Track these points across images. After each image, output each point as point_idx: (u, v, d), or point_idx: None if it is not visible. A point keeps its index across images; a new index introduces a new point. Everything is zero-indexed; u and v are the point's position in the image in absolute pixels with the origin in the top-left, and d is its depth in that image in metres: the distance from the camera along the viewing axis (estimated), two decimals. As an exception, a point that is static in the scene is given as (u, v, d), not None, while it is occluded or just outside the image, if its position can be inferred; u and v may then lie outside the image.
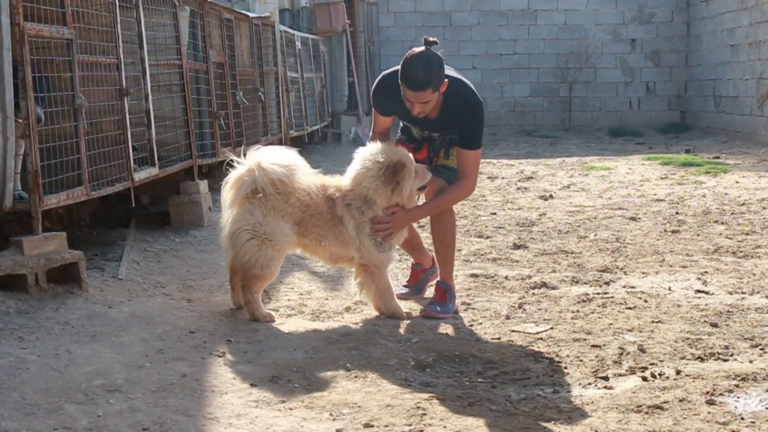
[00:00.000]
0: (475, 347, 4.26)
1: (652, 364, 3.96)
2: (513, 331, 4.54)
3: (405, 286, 5.32)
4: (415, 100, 4.52)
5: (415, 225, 5.19)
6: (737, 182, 10.09)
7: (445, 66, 4.61)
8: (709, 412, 3.35)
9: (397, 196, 4.60)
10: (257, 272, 4.52)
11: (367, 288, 4.69)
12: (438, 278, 5.00)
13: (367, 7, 18.63)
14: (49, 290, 4.61)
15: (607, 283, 5.53)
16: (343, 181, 4.67)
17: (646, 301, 5.06)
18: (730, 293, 5.20)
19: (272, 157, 4.54)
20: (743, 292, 5.21)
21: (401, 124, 5.04)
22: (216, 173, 9.16)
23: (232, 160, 4.68)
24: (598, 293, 5.25)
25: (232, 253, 4.59)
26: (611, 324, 4.60)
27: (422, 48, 4.54)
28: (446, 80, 4.57)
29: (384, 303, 4.72)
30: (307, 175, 4.65)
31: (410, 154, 4.69)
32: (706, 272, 5.75)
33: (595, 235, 7.18)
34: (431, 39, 4.56)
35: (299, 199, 4.57)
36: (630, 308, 4.91)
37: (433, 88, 4.48)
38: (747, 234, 7.06)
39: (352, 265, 4.78)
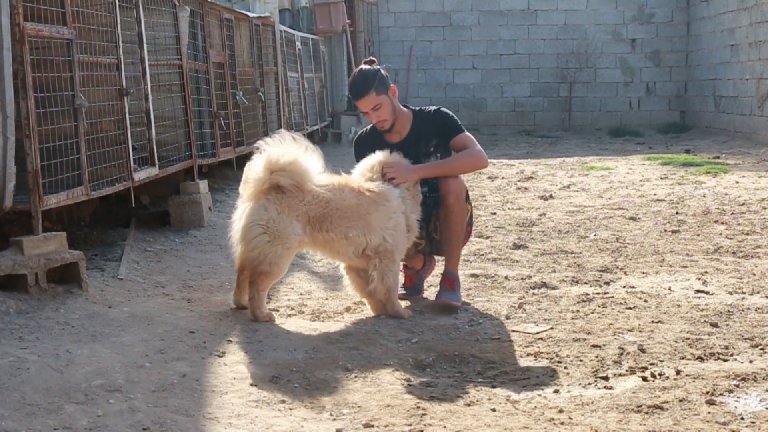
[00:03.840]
0: (475, 347, 4.26)
1: (652, 364, 3.96)
2: (513, 331, 4.54)
3: (403, 287, 5.33)
4: (366, 107, 4.98)
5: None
6: (737, 182, 10.09)
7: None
8: (709, 412, 3.35)
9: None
10: (265, 269, 4.52)
11: (380, 278, 4.71)
12: (445, 269, 5.07)
13: (367, 7, 18.63)
14: (49, 290, 4.60)
15: (607, 283, 5.53)
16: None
17: (646, 301, 5.06)
18: (730, 293, 5.20)
19: (289, 157, 4.57)
20: (743, 292, 5.21)
21: None
22: (216, 173, 9.16)
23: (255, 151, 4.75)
24: (598, 293, 5.25)
25: (242, 247, 4.59)
26: (611, 324, 4.60)
27: (361, 66, 5.11)
28: (392, 85, 5.03)
29: (390, 298, 4.75)
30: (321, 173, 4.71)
31: None
32: (706, 272, 5.75)
33: (595, 235, 7.18)
34: (371, 58, 5.18)
35: (318, 195, 4.59)
36: (630, 308, 4.91)
37: (376, 91, 4.94)
38: (747, 234, 7.06)
39: (366, 264, 4.78)
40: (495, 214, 8.40)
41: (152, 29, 6.65)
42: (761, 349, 4.12)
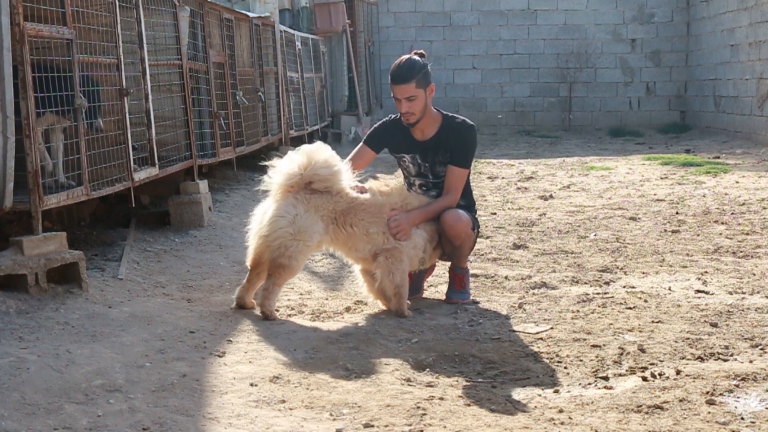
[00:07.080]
0: (475, 347, 4.26)
1: (652, 364, 3.96)
2: (513, 331, 4.54)
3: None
4: (401, 95, 4.93)
5: None
6: (737, 182, 10.09)
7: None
8: (709, 412, 3.35)
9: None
10: (285, 262, 4.59)
11: (387, 273, 4.77)
12: (452, 265, 5.15)
13: (367, 7, 18.62)
14: (49, 290, 4.61)
15: (607, 283, 5.53)
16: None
17: (646, 301, 5.06)
18: (730, 293, 5.20)
19: (322, 159, 4.70)
20: (743, 292, 5.21)
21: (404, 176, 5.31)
22: (216, 173, 9.16)
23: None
24: (598, 293, 5.25)
25: (263, 238, 4.64)
26: (611, 324, 4.60)
27: (410, 55, 5.06)
28: (432, 84, 5.00)
29: (399, 292, 4.78)
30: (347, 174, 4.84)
31: None
32: (706, 272, 5.75)
33: (595, 235, 7.18)
34: (421, 51, 5.13)
35: (343, 196, 4.74)
36: (630, 308, 4.91)
37: (417, 82, 4.91)
38: (747, 234, 7.06)
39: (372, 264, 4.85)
40: (495, 214, 8.40)
41: (152, 29, 6.65)
42: (761, 349, 4.13)
